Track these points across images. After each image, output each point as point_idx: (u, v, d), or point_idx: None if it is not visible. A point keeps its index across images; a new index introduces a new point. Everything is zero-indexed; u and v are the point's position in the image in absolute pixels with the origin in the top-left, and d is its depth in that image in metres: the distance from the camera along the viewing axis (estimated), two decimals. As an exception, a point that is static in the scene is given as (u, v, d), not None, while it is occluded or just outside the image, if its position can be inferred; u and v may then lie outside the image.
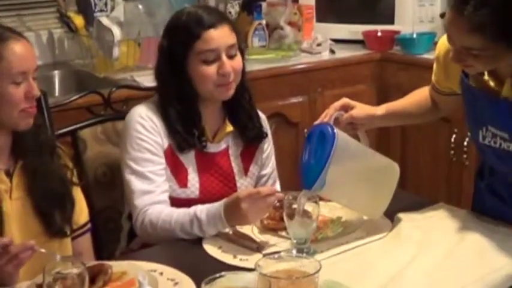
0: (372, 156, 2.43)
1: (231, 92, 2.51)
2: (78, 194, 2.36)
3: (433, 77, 2.52)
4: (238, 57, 2.52)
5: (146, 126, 2.48)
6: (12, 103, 2.12)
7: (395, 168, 2.44)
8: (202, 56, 2.46)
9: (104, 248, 2.66)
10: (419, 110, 2.61)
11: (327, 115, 2.43)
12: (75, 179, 2.35)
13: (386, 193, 2.40)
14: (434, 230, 2.33)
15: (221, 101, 2.57)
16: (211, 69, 2.46)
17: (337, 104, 2.46)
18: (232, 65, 2.48)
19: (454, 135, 3.92)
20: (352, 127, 2.48)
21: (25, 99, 2.14)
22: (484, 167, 2.50)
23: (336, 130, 2.26)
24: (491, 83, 2.26)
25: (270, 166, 2.72)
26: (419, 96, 2.61)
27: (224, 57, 2.46)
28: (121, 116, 2.70)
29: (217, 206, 2.33)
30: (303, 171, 2.27)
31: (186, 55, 2.47)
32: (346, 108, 2.47)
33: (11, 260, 1.94)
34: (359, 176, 2.33)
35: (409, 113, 2.60)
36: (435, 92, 2.55)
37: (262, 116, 2.70)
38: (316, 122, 2.41)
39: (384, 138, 4.12)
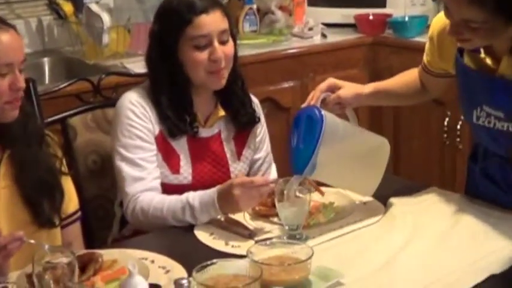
0: (361, 135, 2.42)
1: (224, 81, 2.49)
2: (67, 183, 2.33)
3: (424, 58, 2.50)
4: (230, 43, 2.50)
5: (137, 112, 2.46)
6: None
7: (385, 143, 2.43)
8: (193, 41, 2.43)
9: (96, 236, 2.65)
10: (407, 91, 2.59)
11: (314, 97, 2.40)
12: (64, 168, 2.33)
13: (378, 169, 2.40)
14: (427, 215, 2.32)
15: (213, 88, 2.55)
16: (203, 55, 2.43)
17: (323, 85, 2.44)
18: (224, 50, 2.46)
19: (447, 119, 3.91)
20: (340, 106, 2.45)
21: (9, 91, 2.11)
22: (478, 150, 2.49)
23: (323, 112, 2.24)
24: (488, 61, 2.24)
25: (265, 150, 2.71)
26: (408, 77, 2.60)
27: (216, 43, 2.44)
28: (111, 103, 2.68)
29: (210, 192, 2.32)
30: (293, 157, 2.25)
31: (177, 40, 2.45)
32: (332, 89, 2.44)
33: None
34: (349, 155, 2.32)
35: (397, 93, 2.59)
36: (425, 73, 2.53)
37: (255, 101, 2.69)
38: (303, 105, 2.39)
39: (376, 121, 4.12)
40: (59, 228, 2.28)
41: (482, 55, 2.25)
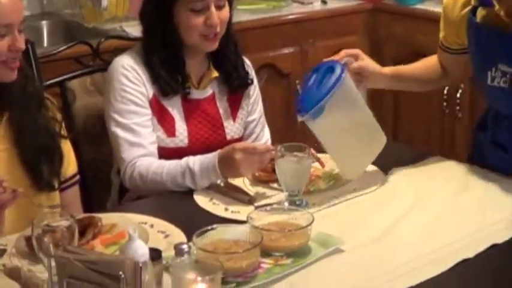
0: (367, 114, 2.39)
1: (216, 43, 2.48)
2: (66, 146, 2.32)
3: (440, 35, 2.50)
4: (226, 8, 2.49)
5: (129, 77, 2.45)
6: None
7: (383, 136, 2.41)
8: (190, 4, 2.42)
9: (94, 200, 2.65)
10: (427, 75, 2.58)
11: (339, 56, 2.39)
12: (63, 132, 2.31)
13: (367, 156, 2.38)
14: (429, 183, 2.32)
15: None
16: (199, 19, 2.42)
17: (349, 51, 2.42)
18: (220, 15, 2.44)
19: (446, 87, 3.89)
20: (357, 78, 2.44)
21: (8, 51, 2.09)
22: (487, 117, 2.48)
23: (345, 68, 2.25)
24: (502, 14, 2.23)
25: (258, 111, 2.70)
26: (428, 61, 2.60)
27: (213, 8, 2.42)
28: (110, 66, 2.66)
29: (211, 156, 2.31)
30: (303, 95, 2.24)
31: (174, 2, 2.43)
32: (356, 58, 2.42)
33: None
34: (350, 126, 2.30)
35: (416, 77, 2.58)
36: (443, 52, 2.53)
37: (248, 62, 2.68)
38: (326, 60, 2.37)
39: (377, 91, 4.09)
40: (57, 191, 2.27)
41: (497, 7, 2.23)
